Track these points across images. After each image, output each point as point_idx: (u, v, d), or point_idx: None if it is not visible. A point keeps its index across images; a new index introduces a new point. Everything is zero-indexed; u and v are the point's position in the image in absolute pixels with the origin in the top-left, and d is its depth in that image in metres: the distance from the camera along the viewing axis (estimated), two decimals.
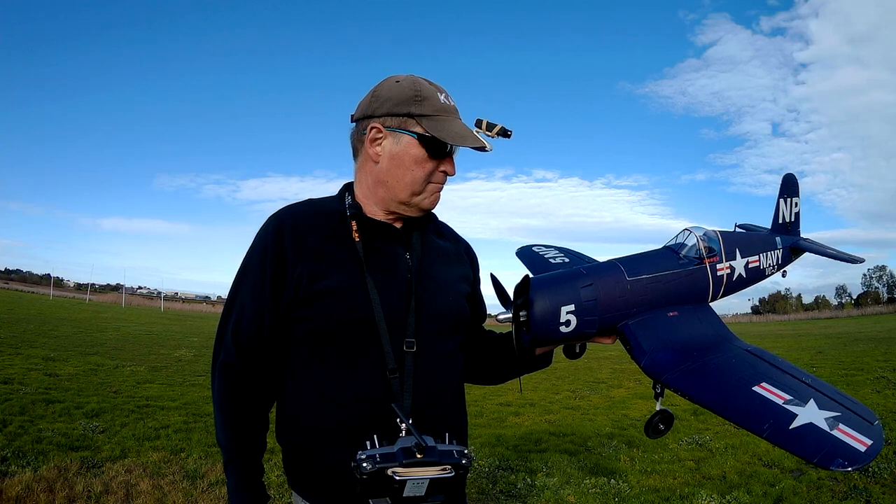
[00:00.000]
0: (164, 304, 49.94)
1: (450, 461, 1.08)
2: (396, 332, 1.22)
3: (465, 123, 1.30)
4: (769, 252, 1.83)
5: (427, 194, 1.29)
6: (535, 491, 4.28)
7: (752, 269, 1.74)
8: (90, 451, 4.61)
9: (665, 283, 1.51)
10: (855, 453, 1.14)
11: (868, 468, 4.48)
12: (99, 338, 14.26)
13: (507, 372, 1.51)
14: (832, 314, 54.47)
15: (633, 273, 1.48)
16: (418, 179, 1.26)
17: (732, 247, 1.68)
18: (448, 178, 1.31)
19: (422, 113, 1.24)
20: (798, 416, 1.21)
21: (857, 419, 1.23)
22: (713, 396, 1.29)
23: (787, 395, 1.27)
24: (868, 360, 11.73)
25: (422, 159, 1.25)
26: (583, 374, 11.04)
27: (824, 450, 1.15)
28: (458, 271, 1.41)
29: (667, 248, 1.60)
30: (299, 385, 1.24)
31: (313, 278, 1.21)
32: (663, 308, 1.50)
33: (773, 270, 1.85)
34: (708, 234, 1.62)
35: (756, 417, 1.23)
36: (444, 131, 1.23)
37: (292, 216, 1.29)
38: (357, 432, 1.14)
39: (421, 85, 1.27)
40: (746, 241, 1.76)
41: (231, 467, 1.24)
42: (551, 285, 1.41)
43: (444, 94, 1.29)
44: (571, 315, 1.38)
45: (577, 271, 1.47)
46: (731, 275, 1.65)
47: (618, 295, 1.44)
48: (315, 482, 1.21)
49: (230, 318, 1.27)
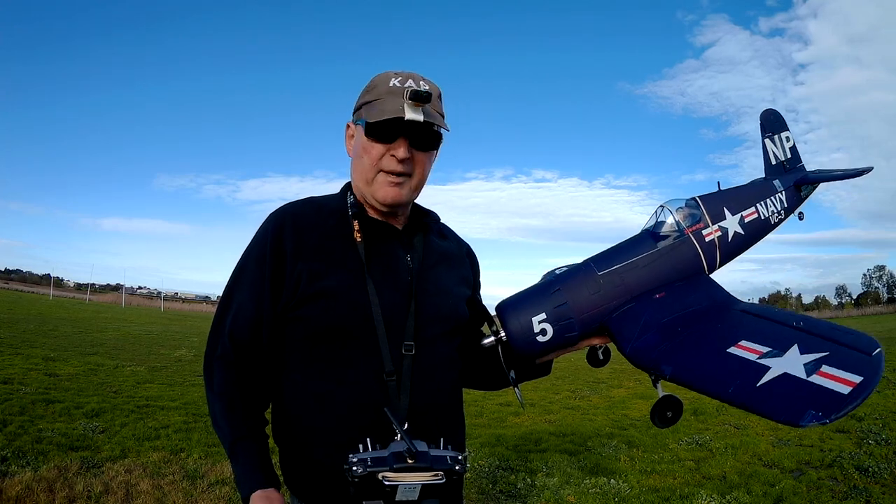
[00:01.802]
0: (164, 304, 49.94)
1: (442, 467, 1.06)
2: (395, 335, 1.21)
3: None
4: (768, 199, 1.68)
5: (379, 185, 1.24)
6: (535, 491, 4.27)
7: (751, 222, 1.61)
8: (90, 451, 4.61)
9: (644, 268, 1.44)
10: (835, 398, 1.00)
11: (868, 468, 4.48)
12: (99, 338, 14.25)
13: (503, 379, 1.48)
14: (832, 314, 54.57)
15: (604, 267, 1.43)
16: (367, 167, 1.24)
17: (718, 207, 1.55)
18: (414, 168, 1.25)
19: (366, 101, 1.25)
20: (770, 368, 1.10)
21: (847, 354, 1.09)
22: (684, 368, 1.21)
23: (766, 347, 1.16)
24: None
25: (367, 145, 1.23)
26: (583, 374, 11.04)
27: (795, 404, 1.02)
28: (459, 274, 1.40)
29: (643, 231, 1.53)
30: (296, 385, 1.23)
31: (312, 277, 1.20)
32: (649, 292, 1.43)
33: (780, 217, 1.69)
34: (688, 204, 1.53)
35: (721, 380, 1.13)
36: (374, 111, 1.20)
37: (293, 214, 1.28)
38: (351, 434, 1.12)
39: (381, 75, 1.26)
40: (735, 195, 1.62)
41: (239, 447, 1.18)
42: (520, 300, 1.39)
43: (405, 78, 1.23)
44: (545, 323, 1.35)
45: (546, 281, 1.44)
46: (724, 237, 1.54)
47: (590, 292, 1.40)
48: (310, 483, 1.20)
49: (227, 314, 1.25)
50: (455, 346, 1.34)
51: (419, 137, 1.23)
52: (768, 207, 1.67)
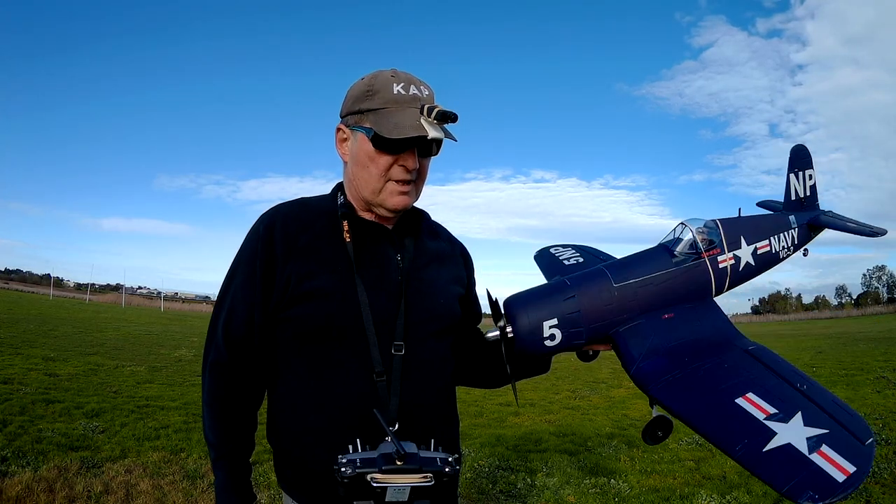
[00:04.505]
0: (164, 304, 49.91)
1: (432, 468, 1.05)
2: (385, 335, 1.21)
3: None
4: (782, 234, 1.70)
5: (389, 193, 1.24)
6: (535, 491, 4.27)
7: (762, 254, 1.63)
8: (90, 451, 4.60)
9: (658, 285, 1.45)
10: (830, 484, 1.04)
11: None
12: (99, 338, 14.24)
13: (501, 377, 1.48)
14: (832, 314, 54.57)
15: (620, 279, 1.43)
16: (374, 176, 1.23)
17: (736, 234, 1.57)
18: (418, 174, 1.26)
19: (370, 107, 1.22)
20: (777, 434, 1.13)
21: (845, 438, 1.13)
22: (692, 410, 1.22)
23: (773, 408, 1.18)
24: (868, 360, 11.73)
25: (374, 155, 1.22)
26: (583, 374, 11.03)
27: (796, 478, 1.06)
28: (451, 273, 1.40)
29: (661, 246, 1.54)
30: (287, 385, 1.24)
31: (302, 278, 1.20)
32: (658, 310, 1.44)
33: (788, 252, 1.72)
34: (707, 225, 1.54)
35: (730, 436, 1.16)
36: (386, 123, 1.18)
37: (283, 215, 1.28)
38: (342, 435, 1.13)
39: (377, 78, 1.23)
40: (753, 225, 1.64)
41: (220, 465, 1.24)
42: (532, 301, 1.39)
43: (407, 83, 1.22)
44: (555, 329, 1.36)
45: (560, 283, 1.44)
46: (736, 265, 1.56)
47: (604, 304, 1.40)
48: (302, 483, 1.21)
49: (220, 316, 1.26)
50: (447, 346, 1.34)
51: (426, 147, 1.24)
52: (780, 242, 1.71)
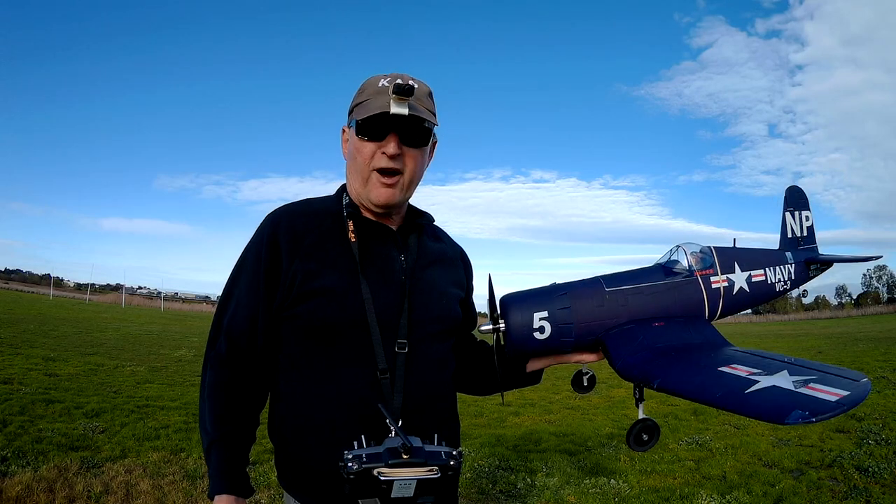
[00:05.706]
0: (164, 304, 49.96)
1: (437, 462, 1.07)
2: (388, 334, 1.22)
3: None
4: (777, 267, 1.75)
5: (373, 185, 1.25)
6: (535, 491, 4.27)
7: (758, 283, 1.68)
8: (90, 451, 4.61)
9: (649, 295, 1.50)
10: (822, 404, 1.05)
11: (868, 468, 4.48)
12: (99, 338, 14.25)
13: (492, 383, 1.50)
14: (832, 314, 54.57)
15: (613, 285, 1.49)
16: (360, 166, 1.25)
17: (730, 260, 1.63)
18: (405, 166, 1.26)
19: (357, 102, 1.27)
20: (759, 381, 1.15)
21: (836, 379, 1.14)
22: (675, 379, 1.25)
23: (756, 368, 1.21)
24: (868, 360, 11.73)
25: (359, 145, 1.25)
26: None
27: (782, 405, 1.07)
28: (453, 275, 1.42)
29: (656, 265, 1.60)
30: (291, 383, 1.25)
31: (307, 277, 1.21)
32: (649, 319, 1.48)
33: (785, 287, 1.77)
34: (703, 251, 1.60)
35: (710, 388, 1.18)
36: (362, 109, 1.23)
37: (289, 215, 1.29)
38: (346, 432, 1.13)
39: (371, 78, 1.27)
40: (747, 255, 1.70)
41: (213, 449, 1.20)
42: (525, 297, 1.45)
43: (393, 77, 1.23)
44: (545, 322, 1.39)
45: (554, 286, 1.49)
46: (729, 288, 1.60)
47: (595, 304, 1.45)
48: (305, 482, 1.21)
49: (225, 314, 1.27)
50: (448, 346, 1.36)
51: (409, 133, 1.24)
52: (776, 275, 1.75)
